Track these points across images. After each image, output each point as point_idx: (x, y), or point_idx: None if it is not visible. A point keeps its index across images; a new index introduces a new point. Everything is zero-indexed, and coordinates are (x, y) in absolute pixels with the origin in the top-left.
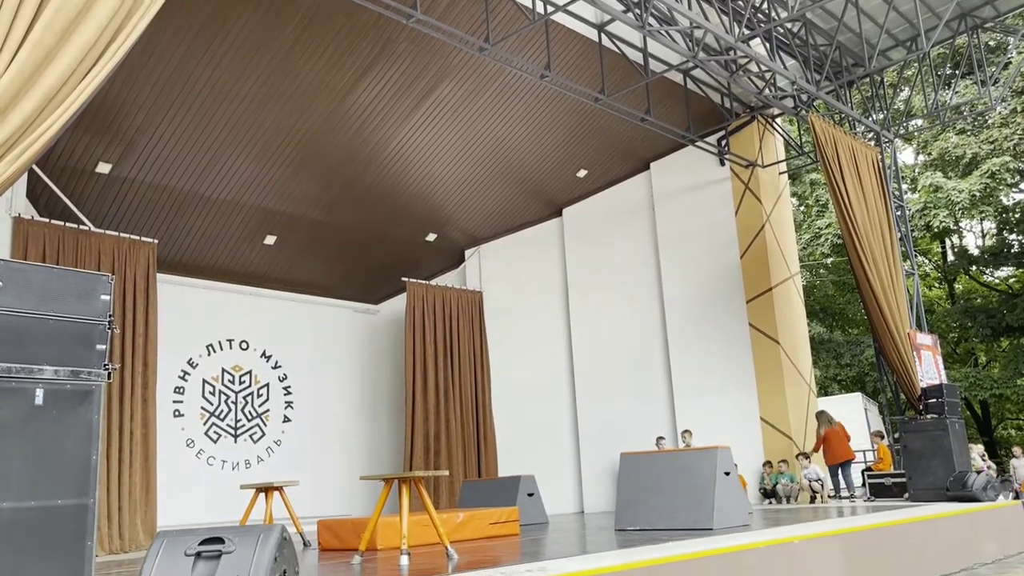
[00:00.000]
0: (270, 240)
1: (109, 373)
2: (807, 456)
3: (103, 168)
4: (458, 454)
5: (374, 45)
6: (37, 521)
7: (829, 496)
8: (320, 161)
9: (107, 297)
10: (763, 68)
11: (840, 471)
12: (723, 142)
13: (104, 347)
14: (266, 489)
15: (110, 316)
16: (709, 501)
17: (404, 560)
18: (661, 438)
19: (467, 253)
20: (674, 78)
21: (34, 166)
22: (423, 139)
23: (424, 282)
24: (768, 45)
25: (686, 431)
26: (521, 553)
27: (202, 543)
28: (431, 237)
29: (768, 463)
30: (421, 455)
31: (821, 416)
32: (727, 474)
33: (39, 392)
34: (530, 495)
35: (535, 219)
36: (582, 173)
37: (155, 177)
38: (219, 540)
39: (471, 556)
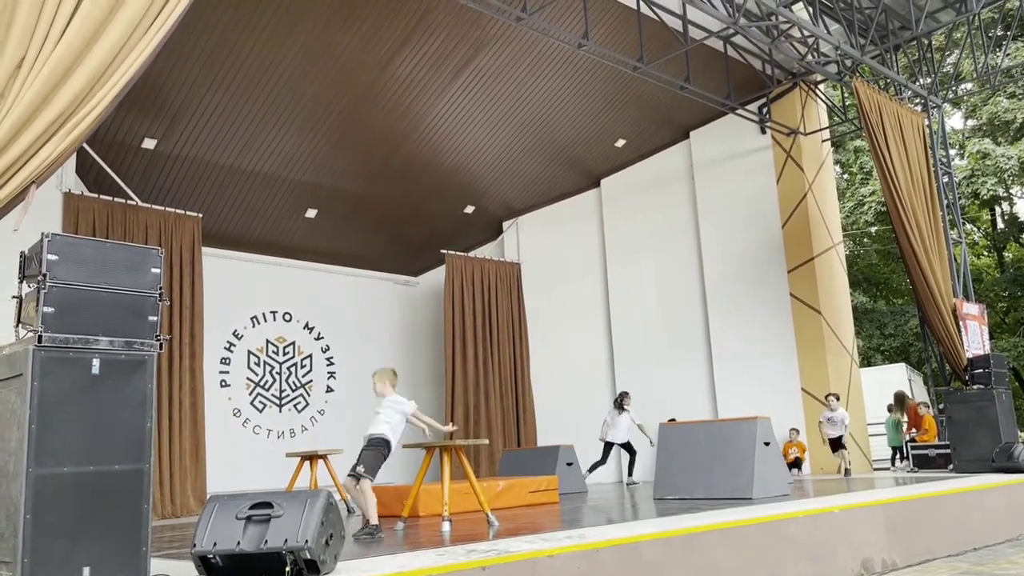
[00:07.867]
0: (311, 213)
1: (161, 344)
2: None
3: (148, 144)
4: (497, 424)
5: (411, 16)
6: (96, 485)
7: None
8: (359, 135)
9: (157, 270)
10: (806, 33)
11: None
12: (764, 110)
13: (155, 318)
14: (311, 457)
15: (160, 288)
16: (749, 471)
17: (446, 526)
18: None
19: (505, 225)
20: (714, 45)
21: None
22: (460, 111)
23: (463, 254)
24: (811, 9)
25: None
26: (561, 520)
27: (252, 507)
28: (469, 209)
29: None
30: (461, 425)
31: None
32: (767, 444)
33: (95, 362)
34: (569, 464)
35: (573, 190)
36: (620, 143)
37: (198, 152)
38: (268, 505)
39: (511, 523)
